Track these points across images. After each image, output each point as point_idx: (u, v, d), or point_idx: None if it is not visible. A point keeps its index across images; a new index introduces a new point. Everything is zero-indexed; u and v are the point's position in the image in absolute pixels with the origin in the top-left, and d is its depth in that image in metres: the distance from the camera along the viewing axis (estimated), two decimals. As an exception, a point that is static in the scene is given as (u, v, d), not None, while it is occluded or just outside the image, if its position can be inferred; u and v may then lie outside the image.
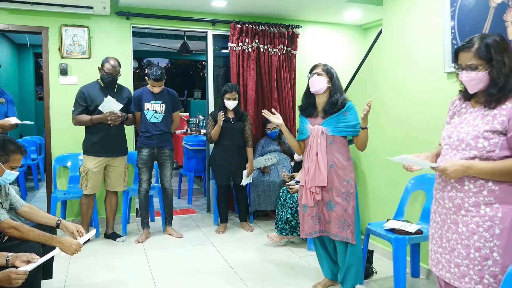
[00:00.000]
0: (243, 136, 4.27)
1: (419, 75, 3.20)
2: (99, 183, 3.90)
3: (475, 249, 1.73)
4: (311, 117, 2.82)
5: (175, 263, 3.48)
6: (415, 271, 3.14)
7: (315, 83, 2.76)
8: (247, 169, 4.26)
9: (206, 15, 4.74)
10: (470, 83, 1.78)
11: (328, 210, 2.75)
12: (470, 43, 1.76)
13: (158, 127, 3.95)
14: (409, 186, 3.16)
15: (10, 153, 2.29)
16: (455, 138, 1.82)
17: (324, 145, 2.72)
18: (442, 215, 1.88)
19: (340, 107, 2.71)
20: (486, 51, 1.72)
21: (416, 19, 3.23)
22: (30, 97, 8.12)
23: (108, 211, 4.04)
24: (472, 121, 1.79)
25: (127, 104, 3.94)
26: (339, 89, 2.76)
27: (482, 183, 1.72)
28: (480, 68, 1.73)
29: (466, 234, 1.76)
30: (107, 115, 3.69)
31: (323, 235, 2.83)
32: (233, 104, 4.16)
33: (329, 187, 2.73)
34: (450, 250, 1.84)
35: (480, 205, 1.73)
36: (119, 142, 3.92)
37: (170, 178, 4.13)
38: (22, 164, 5.87)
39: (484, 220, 1.71)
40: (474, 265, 1.73)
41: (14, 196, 2.55)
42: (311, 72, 2.82)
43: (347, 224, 2.70)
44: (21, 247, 2.23)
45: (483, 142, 1.71)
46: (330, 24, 5.25)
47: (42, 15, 4.21)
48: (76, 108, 3.80)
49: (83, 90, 3.81)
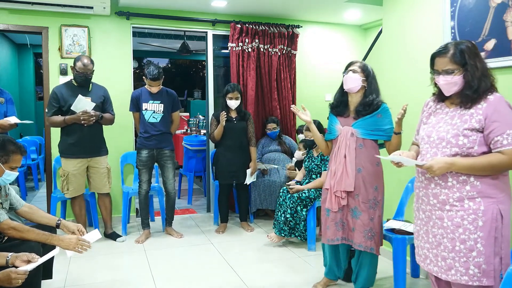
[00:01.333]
0: (246, 136, 4.28)
1: (419, 75, 3.19)
2: (81, 185, 3.81)
3: (460, 241, 1.84)
4: (342, 116, 2.69)
5: (175, 263, 3.48)
6: (415, 271, 3.15)
7: (349, 80, 2.59)
8: (251, 168, 4.26)
9: (206, 15, 4.74)
10: (447, 86, 1.91)
11: (353, 218, 2.61)
12: (445, 49, 1.91)
13: (157, 127, 3.94)
14: (409, 186, 3.16)
15: (10, 153, 2.29)
16: (435, 137, 1.94)
17: (353, 148, 2.60)
18: (427, 212, 1.98)
19: (374, 109, 2.58)
20: (460, 56, 1.86)
21: (416, 19, 3.23)
22: (30, 97, 8.12)
23: (103, 213, 4.00)
24: (450, 120, 1.92)
25: (103, 103, 3.85)
26: (375, 89, 2.63)
27: (465, 179, 1.85)
28: (456, 72, 1.87)
29: (451, 228, 1.87)
30: (79, 114, 3.59)
31: (346, 243, 2.70)
32: (235, 104, 4.16)
33: (355, 193, 2.60)
34: (436, 244, 1.94)
35: (464, 199, 1.85)
36: (96, 142, 3.81)
37: (173, 181, 4.10)
38: (22, 164, 5.86)
39: (468, 213, 1.83)
40: (460, 257, 1.84)
41: (14, 196, 2.55)
42: (347, 69, 2.66)
43: (372, 233, 2.58)
44: (21, 247, 2.23)
45: (463, 140, 1.84)
46: (330, 24, 5.25)
47: (42, 15, 4.21)
48: (49, 109, 3.70)
49: (55, 90, 3.72)
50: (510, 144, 1.77)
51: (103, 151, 3.90)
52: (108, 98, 3.91)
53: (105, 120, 3.82)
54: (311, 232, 3.68)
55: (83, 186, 3.85)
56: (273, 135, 4.66)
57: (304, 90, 5.08)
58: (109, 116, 3.86)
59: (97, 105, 3.75)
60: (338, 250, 2.84)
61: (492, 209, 1.81)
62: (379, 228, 2.62)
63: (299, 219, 3.67)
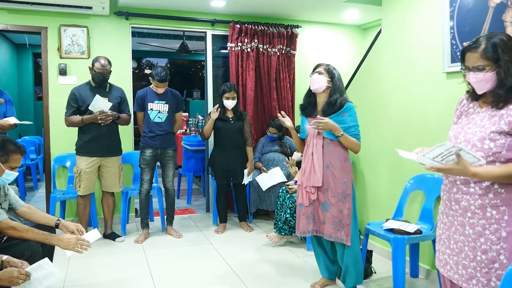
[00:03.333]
0: (243, 136, 4.28)
1: (418, 75, 3.20)
2: (93, 183, 3.87)
3: (481, 251, 1.71)
4: (310, 116, 2.82)
5: (174, 263, 3.48)
6: (414, 271, 3.15)
7: (315, 81, 2.75)
8: (248, 168, 4.26)
9: (205, 15, 4.74)
10: (478, 84, 1.74)
11: (323, 211, 2.75)
12: (476, 43, 1.73)
13: (162, 127, 3.96)
14: (408, 186, 3.16)
15: (10, 153, 2.29)
16: (461, 139, 1.79)
17: (321, 145, 2.73)
18: (450, 217, 1.86)
19: (338, 108, 2.70)
20: (493, 51, 1.69)
21: (415, 19, 3.23)
22: (29, 97, 8.12)
23: (105, 212, 4.02)
24: (479, 121, 1.76)
25: (120, 104, 3.91)
26: (339, 89, 2.74)
27: (488, 186, 1.70)
28: (488, 69, 1.70)
29: (472, 237, 1.74)
30: (97, 114, 3.67)
31: (317, 235, 2.84)
32: (232, 104, 4.16)
33: (324, 188, 2.73)
34: (457, 251, 1.82)
35: (486, 207, 1.70)
36: (111, 142, 3.87)
37: (172, 179, 4.14)
38: (22, 164, 5.86)
39: (490, 222, 1.69)
40: (481, 267, 1.72)
41: (13, 196, 2.55)
42: (313, 71, 2.82)
43: (341, 225, 2.70)
44: (20, 247, 2.23)
45: (489, 144, 1.68)
46: (329, 24, 5.25)
47: (41, 15, 4.21)
48: (68, 110, 3.78)
49: (74, 91, 3.79)
50: None
51: (117, 151, 3.96)
52: (124, 98, 3.99)
53: (121, 120, 3.89)
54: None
55: (93, 185, 3.90)
56: (272, 139, 4.66)
57: (303, 90, 4.99)
58: (126, 117, 3.93)
59: (114, 105, 3.82)
60: (323, 244, 2.93)
61: None
62: (349, 220, 2.71)
63: (298, 219, 3.68)
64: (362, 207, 3.76)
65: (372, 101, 3.71)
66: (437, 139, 1.99)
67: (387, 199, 3.47)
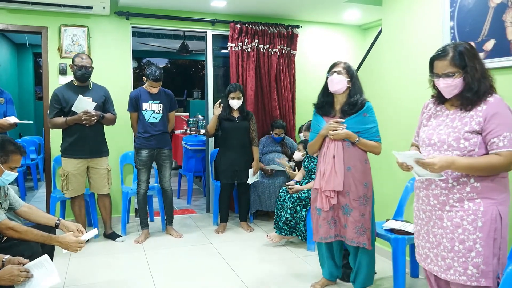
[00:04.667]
0: (248, 135, 4.28)
1: (419, 75, 3.19)
2: (81, 185, 3.81)
3: (459, 241, 1.86)
4: (327, 116, 2.71)
5: (174, 263, 3.48)
6: (414, 271, 3.15)
7: (335, 82, 2.62)
8: (253, 168, 4.26)
9: (206, 15, 4.74)
10: (447, 89, 1.91)
11: (345, 215, 2.64)
12: (444, 52, 1.90)
13: (157, 127, 3.95)
14: (409, 186, 3.16)
15: (10, 153, 2.28)
16: (436, 139, 1.94)
17: (341, 147, 2.63)
18: (427, 212, 2.00)
19: (359, 108, 2.62)
20: (460, 58, 1.86)
21: (416, 19, 3.23)
22: (30, 97, 8.11)
23: (103, 213, 4.01)
24: (451, 123, 1.92)
25: (104, 103, 3.85)
26: (359, 89, 2.66)
27: (465, 181, 1.86)
28: (456, 75, 1.87)
29: (450, 228, 1.89)
30: (81, 115, 3.60)
31: (338, 239, 2.73)
32: (237, 104, 4.17)
33: (345, 191, 2.62)
34: (436, 244, 1.95)
35: (464, 200, 1.87)
36: (97, 143, 3.81)
37: (169, 179, 4.13)
38: (22, 164, 5.85)
39: (468, 214, 1.85)
40: (459, 257, 1.86)
41: (13, 196, 2.54)
42: (330, 70, 2.68)
43: (363, 229, 2.61)
44: (20, 247, 2.23)
45: (464, 143, 1.85)
46: (329, 24, 5.25)
47: (42, 15, 4.21)
48: (51, 111, 3.70)
49: (56, 92, 3.72)
50: (506, 146, 1.78)
51: (104, 152, 3.90)
52: (109, 98, 3.92)
53: (106, 120, 3.81)
54: (310, 232, 3.68)
55: (83, 186, 3.85)
56: (278, 140, 4.66)
57: (303, 90, 5.08)
58: (111, 116, 3.86)
59: (98, 105, 3.75)
60: (333, 248, 2.86)
61: (492, 210, 1.82)
62: (370, 223, 2.66)
63: (299, 219, 3.68)
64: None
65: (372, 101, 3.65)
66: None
67: (387, 199, 3.46)
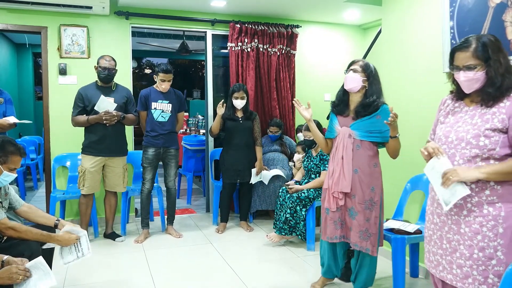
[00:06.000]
0: (252, 135, 4.29)
1: (418, 75, 3.20)
2: (97, 183, 3.88)
3: (478, 249, 1.72)
4: (341, 115, 2.66)
5: (174, 263, 3.48)
6: (414, 271, 3.15)
7: (349, 80, 2.56)
8: (256, 168, 4.27)
9: (205, 15, 4.74)
10: (467, 83, 1.77)
11: (350, 217, 2.62)
12: (467, 43, 1.77)
13: (165, 126, 3.96)
14: (408, 186, 3.16)
15: (9, 154, 2.27)
16: (453, 137, 1.81)
17: (351, 149, 2.58)
18: (442, 216, 1.85)
19: (373, 110, 2.54)
20: (483, 50, 1.73)
21: (415, 19, 3.23)
22: (29, 97, 8.11)
23: (107, 211, 4.03)
24: (470, 119, 1.79)
25: (126, 104, 3.92)
26: (377, 90, 2.56)
27: (484, 183, 1.72)
28: (478, 68, 1.74)
29: (469, 235, 1.74)
30: (102, 114, 3.69)
31: (344, 241, 2.70)
32: (241, 104, 4.18)
33: (352, 194, 2.59)
34: (451, 251, 1.81)
35: (483, 204, 1.72)
36: (117, 142, 3.88)
37: (174, 178, 4.15)
38: (22, 164, 5.86)
39: (487, 219, 1.71)
40: (478, 265, 1.72)
41: (14, 196, 2.54)
42: (348, 68, 2.63)
43: (368, 234, 2.55)
44: (20, 247, 2.23)
45: (484, 140, 1.71)
46: (329, 24, 5.25)
47: (41, 15, 4.21)
48: (75, 109, 3.80)
49: (80, 91, 3.82)
50: None
51: (123, 151, 3.96)
52: (131, 98, 3.99)
53: (127, 121, 3.89)
54: (310, 232, 3.68)
55: (98, 184, 3.90)
56: (274, 138, 4.66)
57: (303, 90, 5.08)
58: (132, 117, 3.92)
59: (120, 106, 3.83)
60: (336, 249, 2.84)
61: None
62: (376, 229, 2.57)
63: (298, 218, 3.68)
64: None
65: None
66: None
67: (387, 199, 3.45)
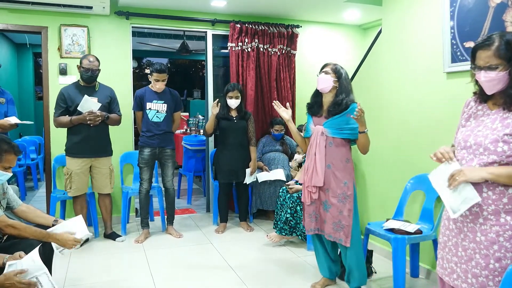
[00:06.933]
0: (246, 135, 4.28)
1: (419, 75, 3.20)
2: (84, 184, 3.83)
3: (495, 259, 1.63)
4: (315, 115, 2.84)
5: (174, 263, 3.48)
6: (415, 271, 3.15)
7: (321, 81, 2.76)
8: (250, 168, 4.26)
9: (206, 15, 4.74)
10: (489, 84, 1.67)
11: (324, 210, 2.78)
12: (489, 40, 1.66)
13: (160, 126, 3.95)
14: (409, 186, 3.16)
15: (3, 152, 2.23)
16: (471, 142, 1.72)
17: (323, 146, 2.75)
18: (458, 223, 1.76)
19: (343, 108, 2.70)
20: (506, 49, 1.63)
21: (416, 19, 3.23)
22: (30, 96, 8.12)
23: (103, 213, 4.01)
24: (491, 124, 1.69)
25: (110, 103, 3.87)
26: (346, 89, 2.74)
27: (502, 190, 1.63)
28: (500, 68, 1.63)
29: (485, 244, 1.66)
30: (86, 115, 3.63)
31: (319, 233, 2.88)
32: (235, 103, 4.17)
33: (326, 188, 2.75)
34: (467, 259, 1.72)
35: (500, 213, 1.64)
36: (101, 143, 3.83)
37: (171, 178, 4.13)
38: (22, 164, 5.87)
39: (504, 229, 1.62)
40: (494, 276, 1.63)
41: (12, 195, 2.54)
42: (321, 70, 2.83)
43: (340, 225, 2.71)
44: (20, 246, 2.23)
45: (502, 146, 1.62)
46: (329, 24, 5.25)
47: (42, 15, 4.21)
48: (57, 110, 3.73)
49: (63, 91, 3.75)
50: None
51: (107, 152, 3.92)
52: (114, 98, 3.95)
53: (111, 121, 3.84)
54: (310, 232, 3.68)
55: (86, 186, 3.86)
56: (279, 137, 4.66)
57: (303, 90, 5.07)
58: (116, 117, 3.89)
59: (104, 106, 3.79)
60: (324, 243, 2.93)
61: None
62: (350, 221, 2.70)
63: (299, 218, 3.68)
64: (362, 207, 3.75)
65: (372, 101, 3.70)
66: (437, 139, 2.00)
67: (388, 199, 3.47)
